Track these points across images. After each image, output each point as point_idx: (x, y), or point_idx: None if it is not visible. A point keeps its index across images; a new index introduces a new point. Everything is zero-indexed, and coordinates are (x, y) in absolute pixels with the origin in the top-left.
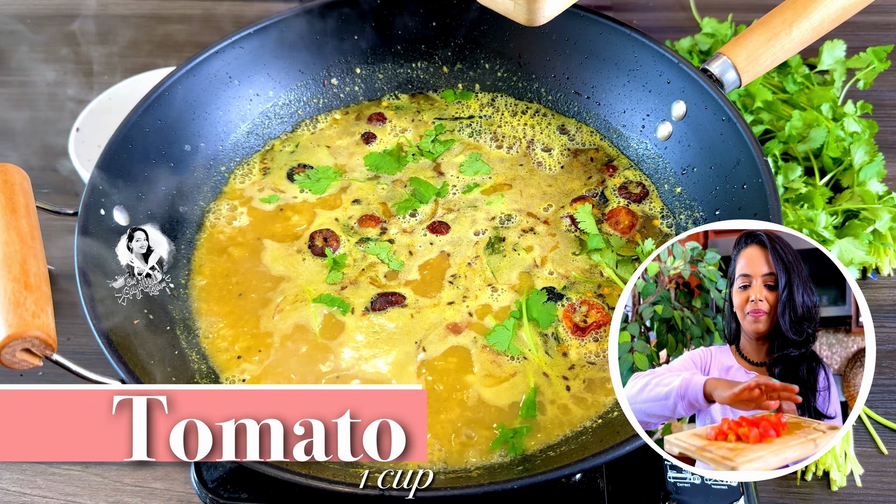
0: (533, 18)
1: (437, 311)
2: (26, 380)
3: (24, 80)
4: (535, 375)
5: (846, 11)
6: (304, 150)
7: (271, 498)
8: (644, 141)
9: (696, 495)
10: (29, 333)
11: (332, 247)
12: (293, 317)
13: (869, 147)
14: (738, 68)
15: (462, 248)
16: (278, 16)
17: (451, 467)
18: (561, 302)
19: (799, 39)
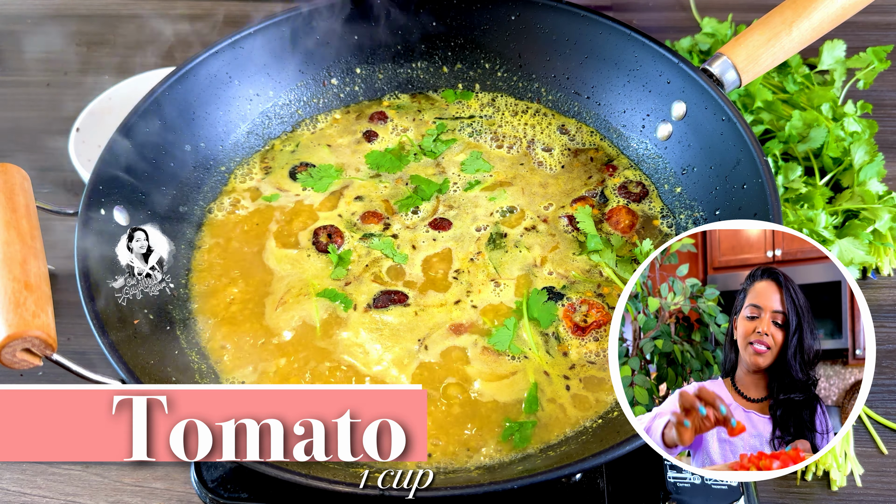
0: None
1: (443, 310)
2: (26, 380)
3: (24, 80)
4: (536, 373)
5: (846, 11)
6: (305, 149)
7: (271, 498)
8: (644, 141)
9: (696, 495)
10: (29, 333)
11: (337, 243)
12: (296, 310)
13: (869, 147)
14: (738, 68)
15: (464, 243)
16: (278, 16)
17: (452, 467)
18: (561, 301)
19: (799, 39)
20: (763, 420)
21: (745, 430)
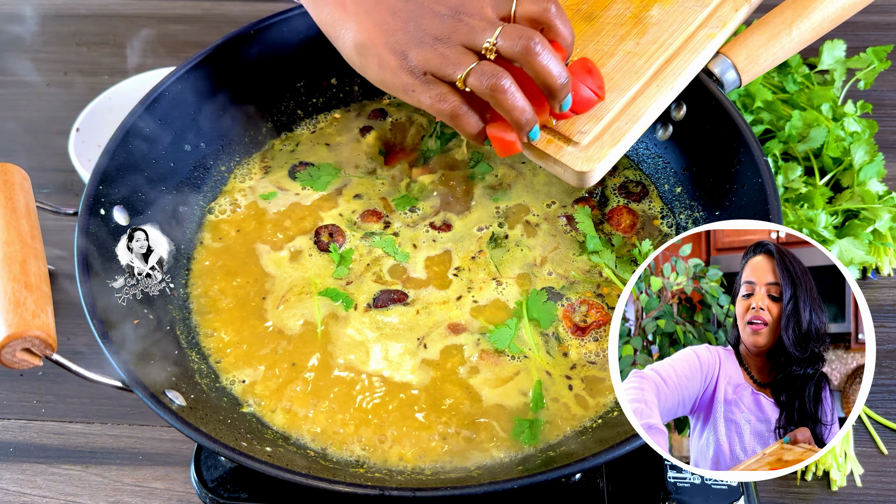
0: (583, 184)
1: (444, 308)
2: (26, 379)
3: (24, 80)
4: (539, 373)
5: (846, 11)
6: (304, 148)
7: (271, 498)
8: (644, 141)
9: (696, 495)
10: (29, 333)
11: (338, 242)
12: (297, 308)
13: (869, 147)
14: (738, 68)
15: (465, 242)
16: (278, 16)
17: (452, 466)
18: (560, 302)
19: (799, 39)
20: (770, 404)
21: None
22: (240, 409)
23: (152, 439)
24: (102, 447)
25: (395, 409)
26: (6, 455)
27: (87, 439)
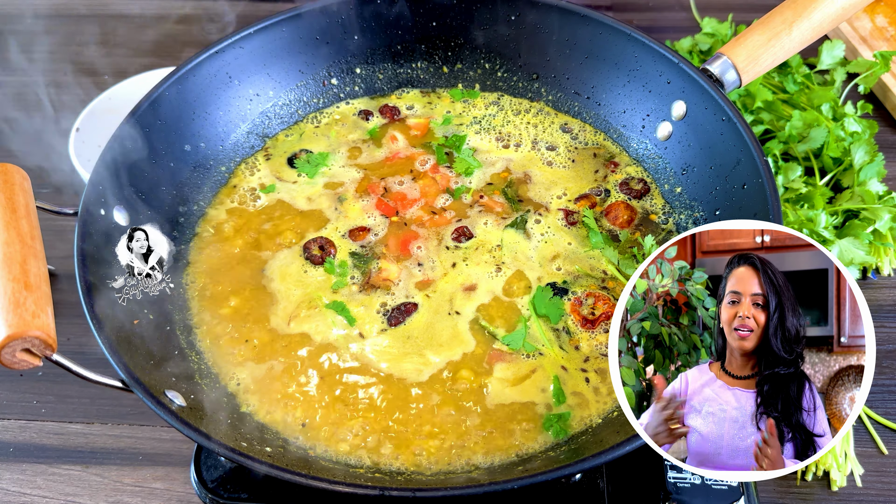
0: None
1: (447, 279)
2: (26, 379)
3: (25, 80)
4: (554, 368)
5: (846, 11)
6: (307, 138)
7: (271, 498)
8: (644, 141)
9: (696, 495)
10: (29, 333)
11: (331, 253)
12: (308, 324)
13: (869, 147)
14: (739, 68)
15: (471, 242)
16: (278, 16)
17: (452, 467)
18: (567, 296)
19: (799, 39)
20: (746, 394)
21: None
22: (240, 409)
23: (152, 439)
24: (102, 447)
25: (395, 409)
26: (6, 455)
27: (87, 439)
